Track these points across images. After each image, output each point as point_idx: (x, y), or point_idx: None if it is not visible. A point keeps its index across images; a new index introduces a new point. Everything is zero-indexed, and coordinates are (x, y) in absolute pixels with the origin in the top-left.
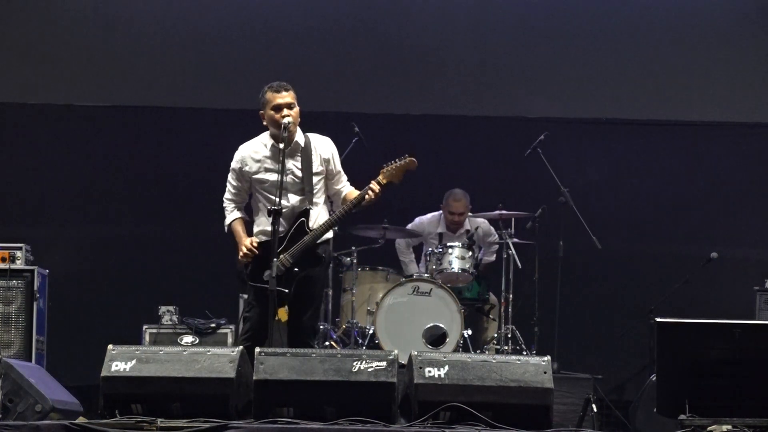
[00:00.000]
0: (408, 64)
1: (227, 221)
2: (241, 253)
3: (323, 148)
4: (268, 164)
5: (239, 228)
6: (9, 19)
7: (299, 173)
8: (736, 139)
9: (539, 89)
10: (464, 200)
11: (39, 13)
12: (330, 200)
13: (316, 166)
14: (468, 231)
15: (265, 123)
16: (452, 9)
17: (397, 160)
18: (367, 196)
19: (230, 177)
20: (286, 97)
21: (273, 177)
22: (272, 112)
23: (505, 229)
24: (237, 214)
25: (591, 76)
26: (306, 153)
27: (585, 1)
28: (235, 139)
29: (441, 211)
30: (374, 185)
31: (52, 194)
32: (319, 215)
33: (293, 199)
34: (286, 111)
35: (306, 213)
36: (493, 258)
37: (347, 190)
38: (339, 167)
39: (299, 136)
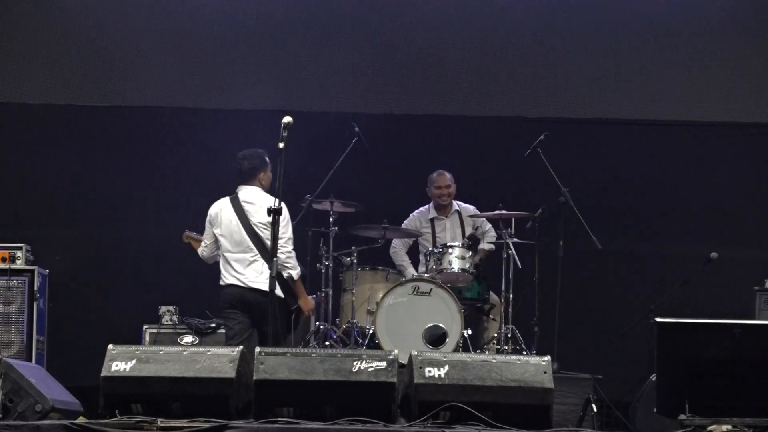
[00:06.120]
0: (408, 64)
1: None
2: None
3: None
4: None
5: None
6: (9, 20)
7: None
8: (736, 139)
9: (539, 89)
10: (446, 175)
11: (39, 13)
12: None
13: None
14: (458, 212)
15: None
16: (452, 9)
17: None
18: None
19: None
20: None
21: None
22: None
23: (505, 229)
24: None
25: (591, 76)
26: None
27: (585, 1)
28: (235, 139)
29: (429, 204)
30: None
31: (52, 194)
32: None
33: None
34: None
35: None
36: (492, 246)
37: None
38: None
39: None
